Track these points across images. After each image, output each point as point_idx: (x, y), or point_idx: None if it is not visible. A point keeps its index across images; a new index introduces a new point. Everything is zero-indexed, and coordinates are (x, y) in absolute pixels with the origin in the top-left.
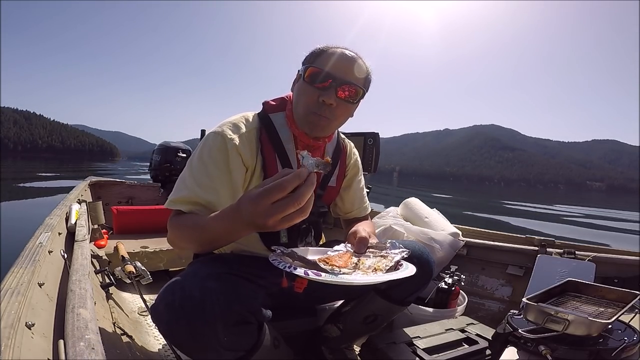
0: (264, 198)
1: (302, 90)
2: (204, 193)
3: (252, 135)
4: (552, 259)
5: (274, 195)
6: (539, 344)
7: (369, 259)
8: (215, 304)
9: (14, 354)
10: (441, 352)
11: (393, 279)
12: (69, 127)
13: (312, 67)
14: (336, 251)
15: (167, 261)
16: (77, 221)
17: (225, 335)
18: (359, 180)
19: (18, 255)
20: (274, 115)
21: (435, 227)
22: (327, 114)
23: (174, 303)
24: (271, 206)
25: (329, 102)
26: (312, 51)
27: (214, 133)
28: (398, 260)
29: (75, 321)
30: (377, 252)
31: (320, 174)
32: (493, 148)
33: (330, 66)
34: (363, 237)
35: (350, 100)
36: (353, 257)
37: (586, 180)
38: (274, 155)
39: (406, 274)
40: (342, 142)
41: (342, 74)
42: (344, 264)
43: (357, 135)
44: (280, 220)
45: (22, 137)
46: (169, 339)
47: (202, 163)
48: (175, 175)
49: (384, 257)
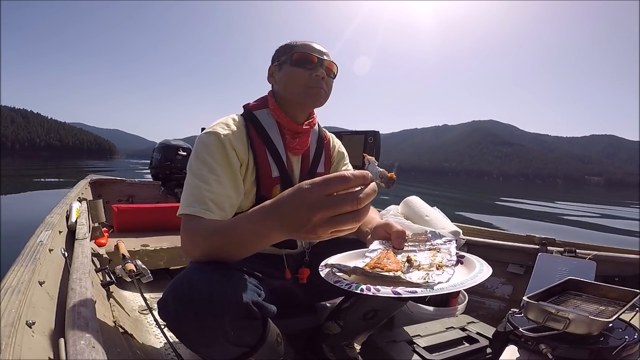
0: (321, 186)
1: (294, 73)
2: (210, 186)
3: (241, 132)
4: (553, 257)
5: (334, 185)
6: (539, 343)
7: (417, 254)
8: (223, 297)
9: (14, 352)
10: (442, 351)
11: (481, 281)
12: (67, 126)
13: (297, 52)
14: (374, 251)
15: (168, 259)
16: (78, 219)
17: (232, 329)
18: (345, 164)
19: (18, 254)
20: (257, 112)
21: (436, 226)
22: (323, 86)
23: (182, 296)
24: (327, 198)
25: (322, 75)
26: (283, 46)
27: (207, 133)
28: (457, 253)
29: (76, 320)
30: (420, 245)
31: None
32: (492, 143)
33: (311, 50)
34: (400, 231)
35: (333, 75)
36: (397, 254)
37: (584, 174)
38: (263, 148)
39: (487, 271)
40: (323, 132)
41: (322, 55)
42: (398, 266)
43: (358, 133)
44: (327, 221)
45: (19, 136)
46: (177, 333)
47: (201, 161)
48: (175, 173)
49: (437, 250)
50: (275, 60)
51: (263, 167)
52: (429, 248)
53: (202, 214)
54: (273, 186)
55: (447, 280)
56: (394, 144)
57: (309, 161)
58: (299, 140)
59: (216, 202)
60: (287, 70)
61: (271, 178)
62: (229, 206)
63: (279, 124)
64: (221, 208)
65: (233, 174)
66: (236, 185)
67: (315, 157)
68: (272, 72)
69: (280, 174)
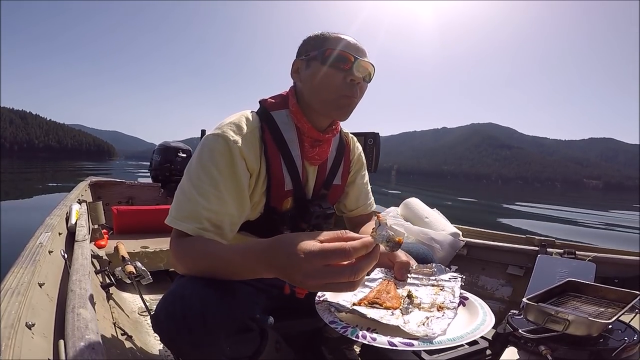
0: (321, 259)
1: (327, 74)
2: (208, 203)
3: (254, 136)
4: (552, 259)
5: (333, 259)
6: (539, 344)
7: (418, 289)
8: (217, 313)
9: (14, 354)
10: (442, 352)
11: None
12: (65, 127)
13: (331, 49)
14: (374, 280)
15: (168, 261)
16: (78, 221)
17: (228, 344)
18: (362, 175)
19: (18, 256)
20: (275, 112)
21: (436, 227)
22: (356, 94)
23: (174, 313)
24: (324, 269)
25: (357, 80)
26: (314, 37)
27: (214, 135)
28: (461, 294)
29: (76, 321)
30: (423, 279)
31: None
32: (490, 146)
33: (347, 47)
34: (404, 262)
35: (368, 79)
36: (397, 287)
37: (583, 178)
38: (278, 157)
39: (489, 321)
40: (345, 137)
41: (359, 54)
42: (397, 302)
43: (358, 135)
44: (322, 285)
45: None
46: (171, 348)
47: (203, 170)
48: (175, 175)
49: (440, 288)
50: (302, 53)
51: (276, 178)
52: (432, 284)
53: (195, 233)
54: (285, 199)
55: (446, 327)
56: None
57: (325, 171)
58: (319, 149)
59: (213, 220)
60: (316, 69)
61: (284, 191)
62: (228, 224)
63: (298, 129)
64: (219, 227)
65: (238, 189)
66: (241, 202)
67: (333, 167)
68: (297, 68)
69: (294, 187)
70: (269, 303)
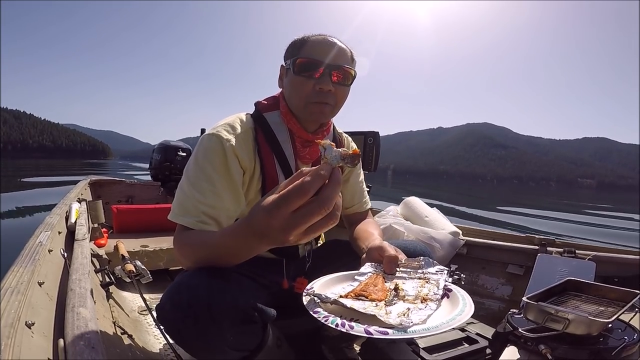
0: (282, 207)
1: (296, 82)
2: (205, 198)
3: (248, 136)
4: (552, 258)
5: (294, 202)
6: (539, 343)
7: (405, 282)
8: (222, 302)
9: (13, 353)
10: (441, 351)
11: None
12: (60, 127)
13: (301, 58)
14: (364, 274)
15: (167, 260)
16: (77, 220)
17: (232, 334)
18: (357, 173)
19: (18, 254)
20: (268, 114)
21: (436, 226)
22: (328, 100)
23: (180, 302)
24: (291, 216)
25: (327, 88)
26: (292, 43)
27: (209, 135)
28: (445, 286)
29: (75, 320)
30: (411, 272)
31: (344, 169)
32: (486, 146)
33: (319, 53)
34: (392, 256)
35: (345, 83)
36: (386, 280)
37: (577, 177)
38: (271, 155)
39: (468, 312)
40: (339, 136)
41: (332, 59)
42: (383, 295)
43: (357, 134)
44: (304, 232)
45: (12, 137)
46: (176, 339)
47: (199, 167)
48: (175, 174)
49: (426, 280)
50: (285, 59)
51: (270, 177)
52: (419, 277)
53: (194, 226)
54: None
55: (426, 318)
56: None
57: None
58: (310, 149)
59: (210, 214)
60: (290, 77)
61: None
62: (225, 218)
63: (289, 130)
64: (216, 220)
65: (233, 185)
66: (236, 197)
67: None
68: (281, 74)
69: None
70: (270, 299)
